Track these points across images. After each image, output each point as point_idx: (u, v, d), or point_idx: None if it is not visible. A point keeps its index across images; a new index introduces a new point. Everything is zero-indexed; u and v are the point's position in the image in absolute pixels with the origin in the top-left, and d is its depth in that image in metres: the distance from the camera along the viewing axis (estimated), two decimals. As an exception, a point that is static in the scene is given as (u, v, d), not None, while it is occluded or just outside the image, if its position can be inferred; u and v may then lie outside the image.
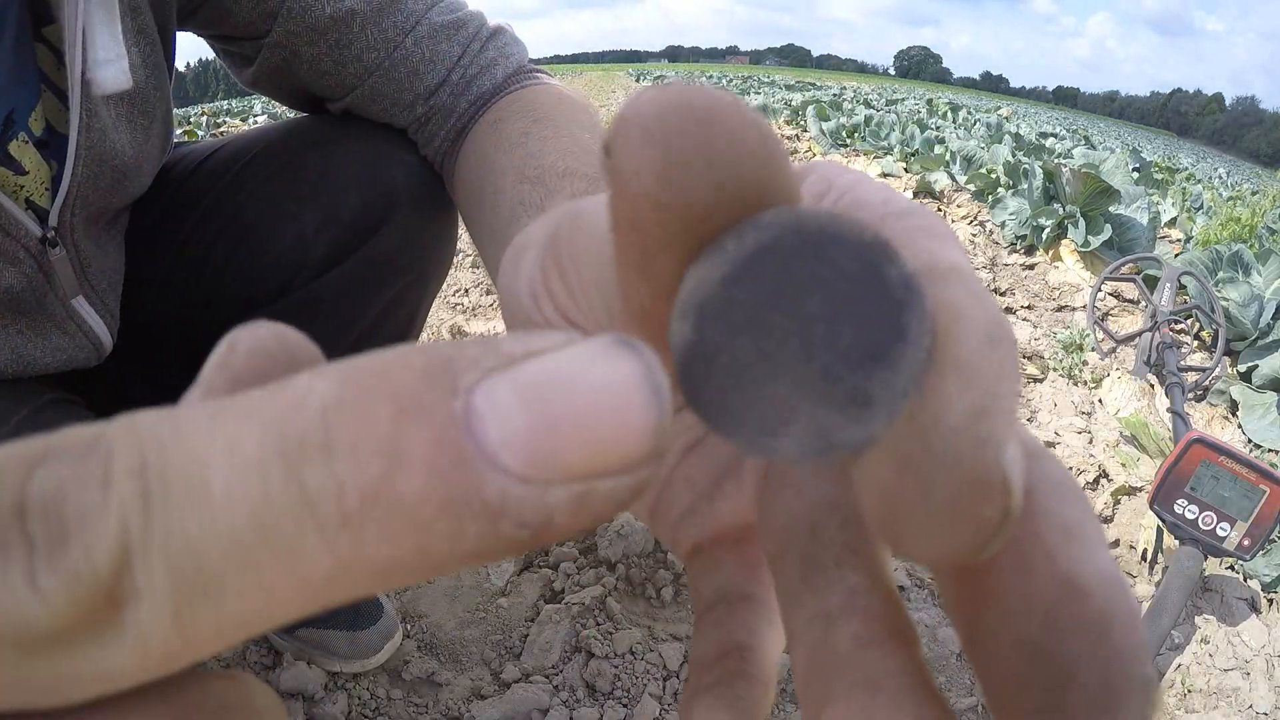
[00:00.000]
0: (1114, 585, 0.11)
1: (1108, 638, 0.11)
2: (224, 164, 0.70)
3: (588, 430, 0.09)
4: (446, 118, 0.63)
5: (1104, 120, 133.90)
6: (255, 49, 0.61)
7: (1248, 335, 1.88)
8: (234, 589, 0.08)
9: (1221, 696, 1.00)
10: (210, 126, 5.36)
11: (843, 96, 12.97)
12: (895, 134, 5.54)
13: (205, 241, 0.68)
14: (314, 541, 0.08)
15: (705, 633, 0.18)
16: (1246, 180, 14.49)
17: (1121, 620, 0.11)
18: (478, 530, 0.08)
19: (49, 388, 0.57)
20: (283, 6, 0.58)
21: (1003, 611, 0.11)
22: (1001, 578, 0.11)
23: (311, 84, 0.63)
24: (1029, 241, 2.78)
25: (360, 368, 0.09)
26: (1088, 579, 0.11)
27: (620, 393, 0.09)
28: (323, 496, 0.08)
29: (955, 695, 0.98)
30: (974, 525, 0.10)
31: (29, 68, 0.49)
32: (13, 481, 0.08)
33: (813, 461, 0.11)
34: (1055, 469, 0.13)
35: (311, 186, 0.66)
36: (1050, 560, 0.11)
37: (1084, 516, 0.12)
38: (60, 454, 0.09)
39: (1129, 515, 1.32)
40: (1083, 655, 0.11)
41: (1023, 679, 0.11)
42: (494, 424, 0.08)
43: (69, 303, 0.57)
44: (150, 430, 0.09)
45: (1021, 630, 0.11)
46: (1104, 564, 0.11)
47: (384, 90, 0.62)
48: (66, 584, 0.08)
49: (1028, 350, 1.99)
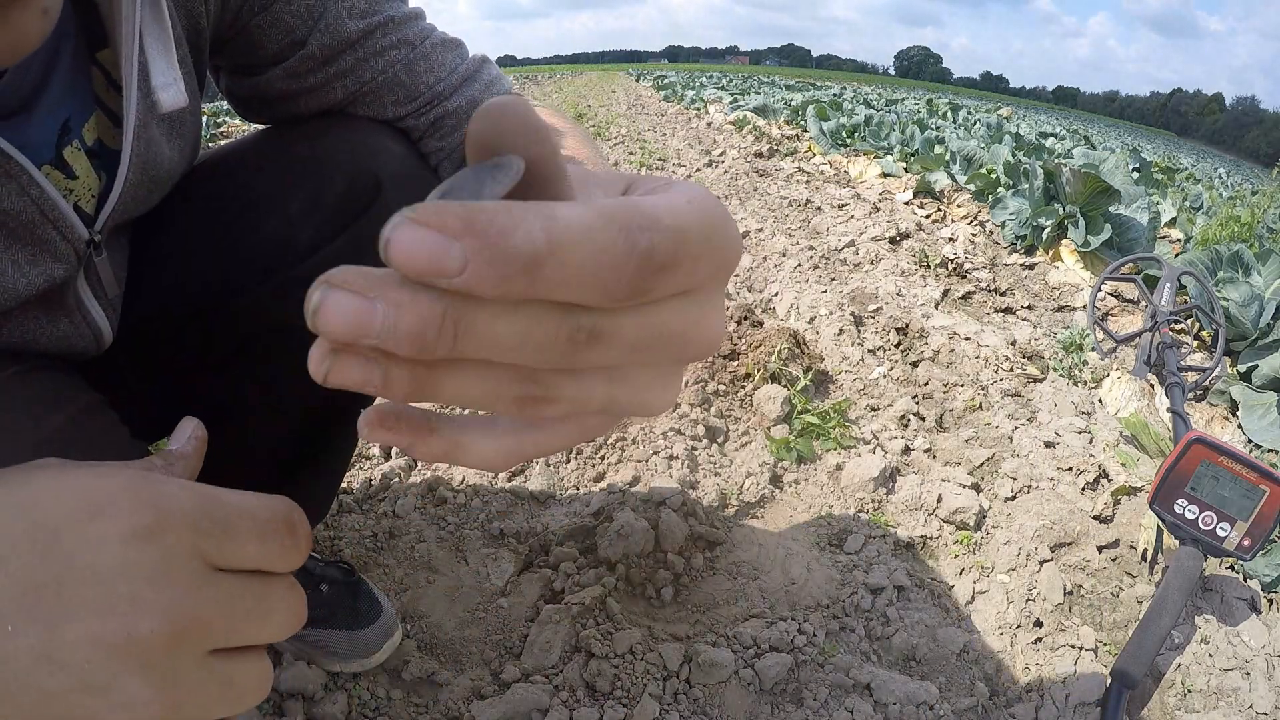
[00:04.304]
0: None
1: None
2: (216, 159, 0.72)
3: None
4: (469, 113, 0.68)
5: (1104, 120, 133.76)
6: (264, 69, 0.65)
7: (1248, 335, 1.88)
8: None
9: (1221, 696, 1.00)
10: (211, 126, 5.36)
11: (843, 96, 12.97)
12: (895, 134, 5.54)
13: (195, 233, 0.69)
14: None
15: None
16: (1246, 180, 14.49)
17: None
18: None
19: (82, 388, 0.58)
20: (312, 28, 0.62)
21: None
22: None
23: (323, 90, 0.66)
24: (1029, 241, 2.78)
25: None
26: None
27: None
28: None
29: (955, 695, 0.98)
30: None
31: (84, 85, 0.54)
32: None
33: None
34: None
35: (298, 174, 0.68)
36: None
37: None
38: None
39: (1129, 515, 1.32)
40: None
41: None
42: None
43: (80, 296, 0.58)
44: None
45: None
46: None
47: (404, 79, 0.67)
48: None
49: (1028, 350, 1.99)
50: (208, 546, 0.32)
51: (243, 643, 0.33)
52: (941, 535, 1.29)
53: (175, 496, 0.32)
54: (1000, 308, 2.34)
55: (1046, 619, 1.11)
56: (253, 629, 0.33)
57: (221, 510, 0.33)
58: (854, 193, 3.82)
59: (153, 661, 0.30)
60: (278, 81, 0.65)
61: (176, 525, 0.31)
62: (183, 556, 0.31)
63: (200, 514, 0.32)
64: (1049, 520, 1.29)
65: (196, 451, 0.40)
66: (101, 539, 0.30)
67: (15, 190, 0.48)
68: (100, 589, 0.30)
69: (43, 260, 0.53)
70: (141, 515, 0.31)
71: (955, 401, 1.72)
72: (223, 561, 0.32)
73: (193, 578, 0.31)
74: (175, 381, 0.72)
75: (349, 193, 0.67)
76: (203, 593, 0.31)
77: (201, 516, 0.32)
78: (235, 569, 0.33)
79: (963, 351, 1.92)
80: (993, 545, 1.26)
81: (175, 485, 0.33)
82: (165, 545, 0.31)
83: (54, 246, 0.53)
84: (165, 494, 0.32)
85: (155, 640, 0.30)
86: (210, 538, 0.32)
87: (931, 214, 3.38)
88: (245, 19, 0.61)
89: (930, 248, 2.79)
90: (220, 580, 0.32)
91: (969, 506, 1.31)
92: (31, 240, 0.51)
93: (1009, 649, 1.08)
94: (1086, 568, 1.21)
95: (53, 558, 0.30)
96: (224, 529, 0.32)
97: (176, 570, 0.31)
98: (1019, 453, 1.52)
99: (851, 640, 1.06)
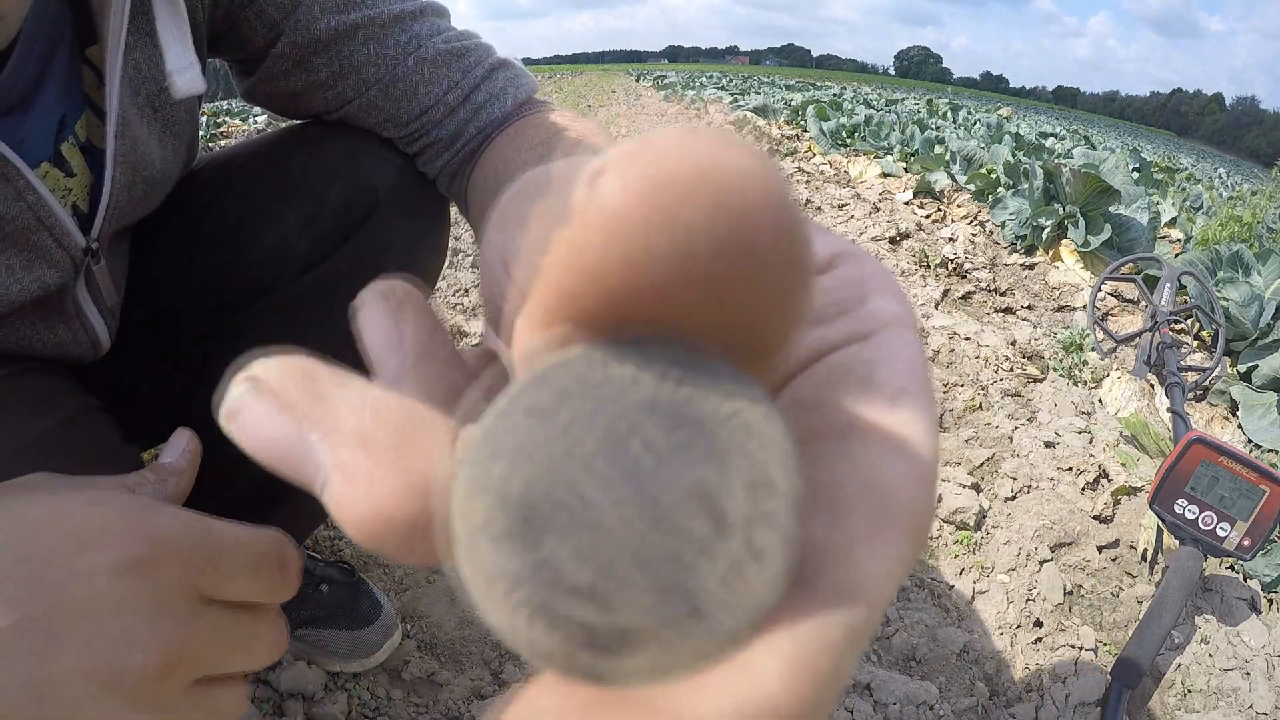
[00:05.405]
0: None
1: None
2: (214, 168, 0.71)
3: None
4: (454, 140, 0.63)
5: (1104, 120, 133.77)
6: (258, 66, 0.63)
7: (1248, 335, 1.88)
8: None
9: (1221, 696, 1.00)
10: (211, 126, 5.36)
11: (843, 96, 12.97)
12: (895, 134, 5.54)
13: (193, 243, 0.68)
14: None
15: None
16: (1246, 180, 14.49)
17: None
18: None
19: (75, 392, 0.57)
20: (288, 21, 0.59)
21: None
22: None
23: (306, 97, 0.64)
24: (1029, 241, 2.78)
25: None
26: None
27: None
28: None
29: (955, 695, 0.98)
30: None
31: (76, 83, 0.53)
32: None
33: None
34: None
35: (294, 185, 0.67)
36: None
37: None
38: None
39: (1129, 515, 1.32)
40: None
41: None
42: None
43: (80, 304, 0.58)
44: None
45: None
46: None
47: (380, 104, 0.62)
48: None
49: (1028, 350, 1.99)
50: (199, 579, 0.31)
51: (227, 672, 0.33)
52: (941, 535, 1.29)
53: (168, 528, 0.32)
54: (1000, 308, 2.34)
55: (1046, 619, 1.11)
56: (238, 660, 0.33)
57: (214, 543, 0.32)
58: (854, 193, 3.82)
59: (141, 694, 0.30)
60: (262, 86, 0.64)
61: (169, 558, 0.31)
62: (174, 589, 0.31)
63: (193, 546, 0.32)
64: (1049, 520, 1.29)
65: (190, 466, 0.40)
66: (93, 571, 0.30)
67: (11, 194, 0.47)
68: (91, 622, 0.29)
69: (37, 266, 0.52)
70: (134, 547, 0.30)
71: (955, 401, 1.72)
72: (214, 594, 0.32)
73: (184, 611, 0.31)
74: (175, 390, 0.72)
75: (345, 206, 0.66)
76: (193, 626, 0.31)
77: (194, 549, 0.32)
78: (224, 601, 0.33)
79: (963, 351, 1.92)
80: (993, 545, 1.26)
81: (168, 515, 0.32)
82: (157, 578, 0.30)
83: (49, 253, 0.52)
84: (158, 525, 0.31)
85: (145, 674, 0.29)
86: (202, 571, 0.31)
87: (931, 214, 3.38)
88: (236, 12, 0.59)
89: (930, 248, 2.79)
90: (210, 613, 0.32)
91: (969, 506, 1.31)
92: (26, 245, 0.50)
93: (1009, 649, 1.08)
94: (1086, 568, 1.21)
95: (43, 590, 0.29)
96: (216, 562, 0.32)
97: (168, 603, 0.30)
98: (1019, 453, 1.52)
99: (851, 640, 1.06)
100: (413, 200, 0.68)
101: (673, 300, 0.10)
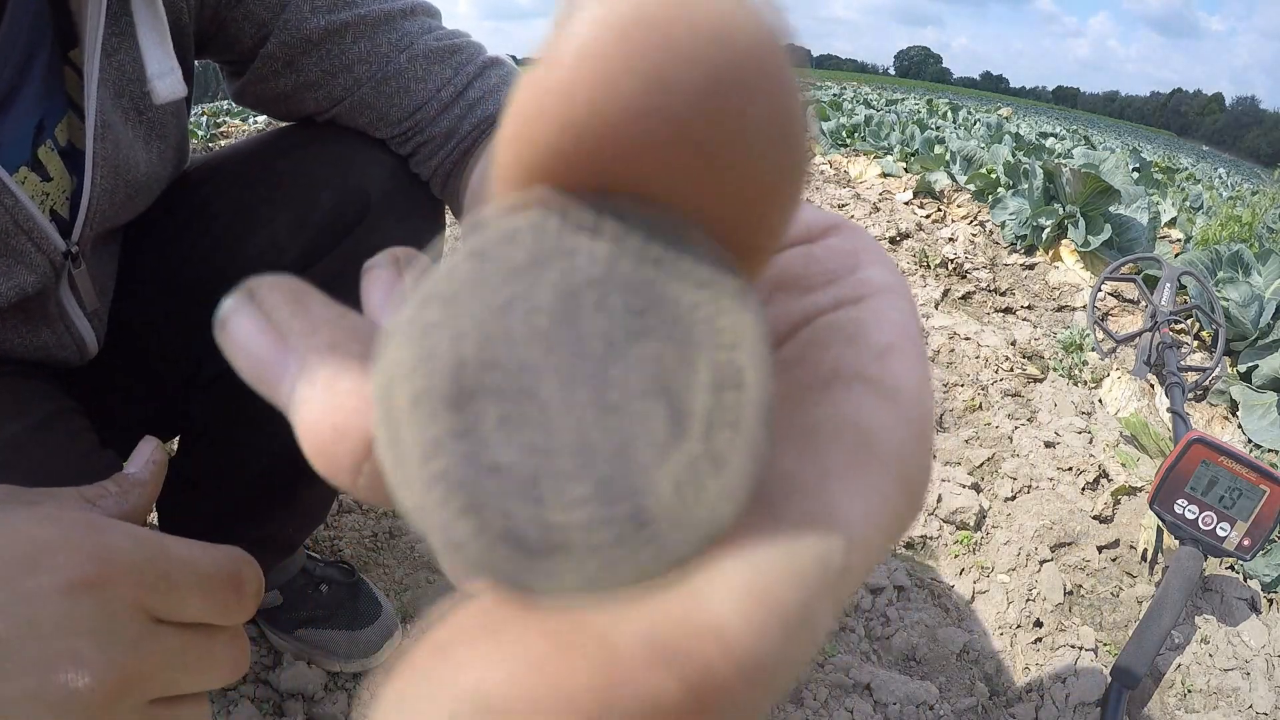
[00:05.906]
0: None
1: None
2: (205, 171, 0.70)
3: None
4: (448, 137, 0.62)
5: (1104, 120, 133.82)
6: (247, 67, 0.62)
7: (1248, 335, 1.88)
8: None
9: (1221, 696, 1.00)
10: (210, 126, 5.35)
11: (843, 96, 12.96)
12: (895, 134, 5.54)
13: (184, 247, 0.68)
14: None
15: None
16: (1246, 180, 14.49)
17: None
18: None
19: (51, 395, 0.57)
20: (276, 21, 0.58)
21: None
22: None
23: (297, 97, 0.63)
24: (1029, 241, 2.78)
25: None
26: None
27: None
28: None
29: (955, 695, 0.98)
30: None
31: (57, 87, 0.53)
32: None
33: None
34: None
35: (284, 189, 0.66)
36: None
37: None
38: None
39: (1129, 515, 1.32)
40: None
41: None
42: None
43: (65, 307, 0.57)
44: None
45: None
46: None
47: (373, 102, 0.61)
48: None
49: (1028, 350, 1.99)
50: (151, 600, 0.31)
51: (183, 692, 0.32)
52: (941, 535, 1.29)
53: (118, 548, 0.31)
54: (1000, 308, 2.34)
55: (1046, 619, 1.11)
56: (193, 680, 0.33)
57: (166, 563, 0.32)
58: (854, 193, 3.82)
59: (92, 717, 0.29)
60: (252, 87, 0.63)
61: (119, 578, 0.30)
62: (125, 610, 0.30)
63: (144, 566, 0.31)
64: (1049, 520, 1.29)
65: (154, 477, 0.39)
66: (41, 592, 0.29)
67: None
68: (40, 644, 0.29)
69: (15, 271, 0.51)
70: (83, 567, 0.30)
71: (955, 401, 1.72)
72: (166, 615, 0.32)
73: (135, 632, 0.30)
74: (167, 393, 0.71)
75: (336, 209, 0.65)
76: (144, 647, 0.30)
77: (145, 569, 0.31)
78: (179, 622, 0.32)
79: (963, 351, 1.92)
80: (993, 545, 1.26)
81: (120, 534, 0.32)
82: (106, 598, 0.30)
83: (28, 257, 0.51)
84: (108, 545, 0.31)
85: (96, 696, 0.29)
86: (153, 591, 0.31)
87: (931, 214, 3.38)
88: (224, 13, 0.59)
89: (930, 248, 2.79)
90: (162, 634, 0.31)
91: (969, 506, 1.31)
92: (4, 250, 0.50)
93: (1009, 649, 1.08)
94: (1086, 568, 1.21)
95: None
96: (168, 582, 0.31)
97: (118, 625, 0.30)
98: (1019, 453, 1.52)
99: (851, 640, 1.06)
100: (406, 203, 0.67)
101: (652, 159, 0.09)
